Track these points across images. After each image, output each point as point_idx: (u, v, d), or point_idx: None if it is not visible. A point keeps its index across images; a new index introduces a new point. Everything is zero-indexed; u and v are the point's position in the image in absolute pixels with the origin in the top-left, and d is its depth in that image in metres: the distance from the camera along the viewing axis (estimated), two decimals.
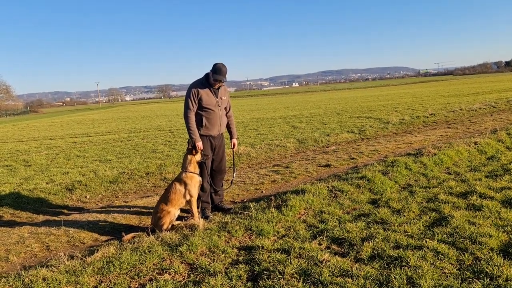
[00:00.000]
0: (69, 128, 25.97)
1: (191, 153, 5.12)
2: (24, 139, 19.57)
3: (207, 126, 5.36)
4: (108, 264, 3.75)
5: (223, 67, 5.18)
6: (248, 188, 6.89)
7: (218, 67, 5.16)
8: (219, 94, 5.35)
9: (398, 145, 10.14)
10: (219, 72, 5.16)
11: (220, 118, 5.43)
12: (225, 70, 5.19)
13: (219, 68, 5.16)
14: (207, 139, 5.41)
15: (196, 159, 5.13)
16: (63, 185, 7.76)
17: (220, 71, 5.16)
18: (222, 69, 5.17)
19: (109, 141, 15.52)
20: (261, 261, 3.68)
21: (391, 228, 4.27)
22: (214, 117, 5.37)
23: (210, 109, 5.32)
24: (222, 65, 5.20)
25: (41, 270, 3.66)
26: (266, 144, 11.08)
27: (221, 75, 5.16)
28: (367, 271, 3.36)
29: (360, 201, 5.36)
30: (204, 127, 5.35)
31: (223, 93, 5.43)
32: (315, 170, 7.88)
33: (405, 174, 6.43)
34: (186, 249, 3.99)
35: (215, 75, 5.16)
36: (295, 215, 4.93)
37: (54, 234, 5.23)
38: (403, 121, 14.49)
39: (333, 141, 11.50)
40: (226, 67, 5.21)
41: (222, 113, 5.47)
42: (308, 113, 22.17)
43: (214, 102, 5.31)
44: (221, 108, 5.42)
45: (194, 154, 5.12)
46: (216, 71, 5.16)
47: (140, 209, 6.15)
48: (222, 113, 5.46)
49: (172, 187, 5.01)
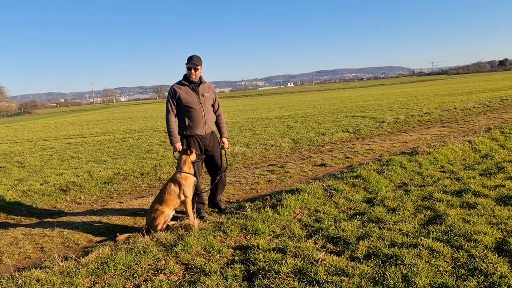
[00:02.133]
0: (64, 129, 25.84)
1: (186, 153, 5.08)
2: (18, 141, 19.44)
3: (190, 125, 5.22)
4: (103, 265, 3.73)
5: (194, 55, 5.16)
6: (243, 188, 6.88)
7: (189, 57, 5.16)
8: (200, 91, 5.20)
9: (393, 144, 10.16)
10: (189, 60, 5.13)
11: (204, 115, 5.21)
12: (195, 57, 5.14)
13: (190, 56, 5.16)
14: (194, 139, 5.27)
15: (191, 159, 5.09)
16: (57, 186, 7.71)
17: (190, 58, 5.13)
18: (193, 56, 5.14)
19: (104, 142, 15.46)
20: (256, 260, 3.67)
21: (386, 227, 4.27)
22: (196, 115, 5.18)
23: (191, 107, 5.17)
24: (194, 54, 5.18)
25: (35, 272, 3.63)
26: (262, 144, 11.08)
27: (191, 61, 5.11)
28: (363, 269, 3.36)
29: (355, 200, 5.36)
30: (188, 127, 5.23)
31: (205, 90, 5.28)
32: (311, 170, 7.88)
33: (400, 173, 6.45)
34: (181, 249, 3.97)
35: (186, 65, 5.14)
36: (291, 215, 4.92)
37: (48, 236, 5.20)
38: (398, 120, 14.53)
39: (328, 140, 11.51)
40: (197, 56, 5.18)
41: (207, 111, 5.25)
42: (303, 113, 22.19)
43: (195, 100, 5.17)
44: (204, 105, 5.22)
45: (189, 154, 5.08)
46: (187, 60, 5.14)
47: (135, 209, 6.12)
48: (207, 110, 5.26)
49: (166, 187, 4.97)
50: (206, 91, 5.29)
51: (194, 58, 5.14)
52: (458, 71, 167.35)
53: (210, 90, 5.37)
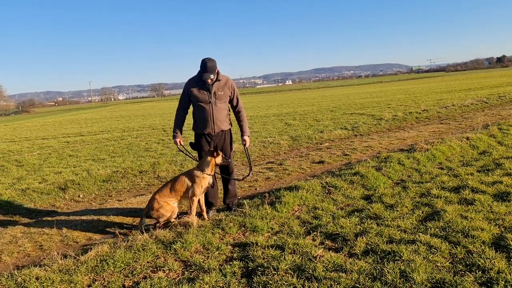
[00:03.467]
0: (62, 127, 25.81)
1: (212, 155, 4.93)
2: (16, 139, 19.42)
3: (197, 123, 5.22)
4: (102, 262, 3.73)
5: (209, 61, 4.93)
6: (242, 185, 6.88)
7: (203, 63, 4.94)
8: (213, 89, 5.07)
9: (391, 141, 10.18)
10: (204, 68, 4.94)
11: (212, 114, 5.12)
12: (210, 65, 4.91)
13: (204, 63, 4.94)
14: (203, 137, 5.24)
15: (217, 162, 4.98)
16: (56, 184, 7.72)
17: (205, 67, 4.92)
18: (207, 64, 4.90)
19: (102, 140, 15.45)
20: (255, 257, 3.69)
21: (385, 223, 4.29)
22: (205, 113, 5.12)
23: (201, 105, 5.11)
24: (208, 59, 4.95)
25: (34, 270, 3.64)
26: (260, 142, 11.09)
27: (206, 71, 4.92)
28: (361, 265, 3.37)
29: (353, 197, 5.38)
30: (197, 125, 5.23)
31: (220, 88, 5.10)
32: (309, 167, 7.90)
33: (398, 170, 6.47)
34: (180, 247, 3.98)
35: (202, 73, 4.96)
36: (289, 212, 4.94)
37: (47, 234, 5.20)
38: (396, 118, 14.55)
39: (326, 138, 11.52)
40: (212, 61, 4.95)
41: (216, 110, 5.11)
42: (301, 110, 22.20)
43: (205, 98, 5.08)
44: (215, 104, 5.10)
45: (215, 156, 4.94)
46: (201, 67, 4.96)
47: (134, 207, 6.12)
48: (217, 109, 5.11)
49: (179, 179, 4.99)
50: (220, 89, 5.11)
51: (208, 68, 4.92)
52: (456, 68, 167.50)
53: (225, 87, 5.16)
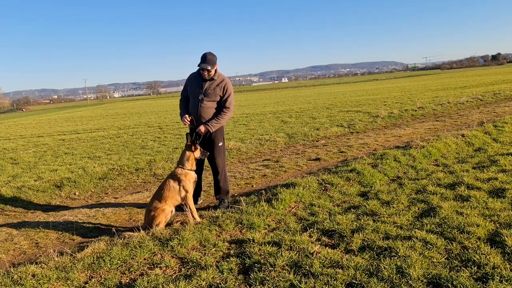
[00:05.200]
0: (57, 125, 25.68)
1: (190, 149, 4.92)
2: (11, 137, 19.29)
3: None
4: (99, 259, 3.73)
5: (209, 54, 5.08)
6: (238, 183, 6.89)
7: (203, 55, 5.09)
8: (205, 86, 5.18)
9: (387, 138, 10.21)
10: (201, 59, 5.07)
11: (199, 111, 5.20)
12: (209, 57, 5.06)
13: (204, 55, 5.09)
14: (196, 133, 5.23)
15: (195, 156, 4.96)
16: (51, 182, 7.68)
17: (204, 58, 5.06)
18: (207, 56, 5.07)
19: (98, 138, 15.39)
20: (252, 254, 3.69)
21: (381, 220, 4.31)
22: (194, 108, 5.27)
23: (192, 100, 5.32)
24: (209, 53, 5.10)
25: (31, 267, 3.62)
26: (256, 139, 11.09)
27: (203, 62, 5.04)
28: (357, 261, 3.39)
29: (350, 194, 5.40)
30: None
31: (212, 87, 5.19)
32: (305, 164, 7.91)
33: (394, 167, 6.49)
34: (177, 244, 3.98)
35: (200, 64, 5.08)
36: (286, 209, 4.94)
37: (43, 231, 5.18)
38: (392, 115, 14.59)
39: (322, 135, 11.54)
40: (212, 55, 5.10)
41: (203, 107, 5.19)
42: (297, 108, 22.21)
43: (195, 93, 5.24)
44: (202, 101, 5.18)
45: (193, 150, 4.93)
46: (201, 59, 5.09)
47: (130, 205, 6.11)
48: (203, 107, 5.19)
49: (166, 184, 4.80)
50: (211, 88, 5.19)
51: (208, 60, 5.05)
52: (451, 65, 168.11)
53: (217, 87, 5.21)
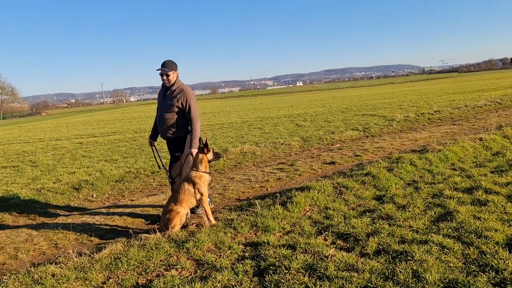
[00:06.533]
0: (75, 129, 26.13)
1: (203, 151, 4.98)
2: (30, 140, 19.70)
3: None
4: (116, 260, 3.79)
5: (167, 60, 5.21)
6: (253, 186, 6.91)
7: (162, 62, 5.22)
8: (166, 97, 5.27)
9: (403, 142, 10.12)
10: (161, 64, 5.21)
11: (159, 121, 5.38)
12: (167, 62, 5.18)
13: (163, 62, 5.22)
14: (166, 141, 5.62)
15: (208, 158, 5.01)
16: (69, 184, 7.83)
17: (162, 63, 5.20)
18: (165, 62, 5.20)
19: (115, 141, 15.60)
20: (267, 256, 3.71)
21: (396, 224, 4.28)
22: (157, 119, 5.45)
23: (157, 110, 5.45)
24: (168, 60, 5.24)
25: (50, 267, 3.70)
26: (271, 143, 11.10)
27: (162, 66, 5.17)
28: (373, 265, 3.37)
29: (365, 197, 5.37)
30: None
31: (171, 96, 5.21)
32: (320, 168, 7.90)
33: (410, 171, 6.44)
34: (193, 246, 4.01)
35: (158, 69, 5.20)
36: (300, 212, 4.95)
37: (62, 232, 5.28)
38: (408, 118, 14.46)
39: (337, 139, 11.50)
40: (170, 61, 5.21)
41: (162, 117, 5.29)
42: (312, 111, 22.17)
43: (159, 104, 5.41)
44: (162, 112, 5.27)
45: (206, 153, 4.98)
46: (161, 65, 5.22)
47: (146, 207, 6.19)
48: (162, 117, 5.28)
49: (181, 187, 4.87)
50: (170, 99, 5.21)
51: (166, 64, 5.19)
52: (469, 68, 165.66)
53: (175, 98, 5.18)
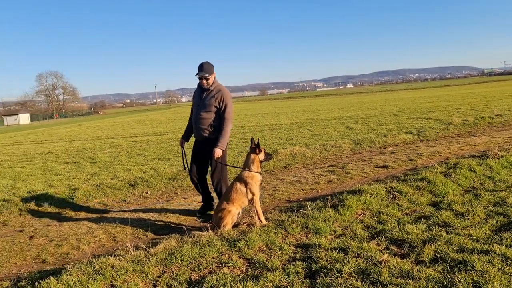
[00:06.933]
0: (130, 128, 27.22)
1: (254, 152, 5.02)
2: (89, 138, 20.77)
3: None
4: (170, 256, 3.91)
5: (205, 63, 5.25)
6: (303, 188, 6.89)
7: (199, 64, 5.26)
8: (203, 96, 5.35)
9: (460, 147, 9.69)
10: (199, 68, 5.25)
11: (196, 121, 5.41)
12: (206, 66, 5.22)
13: (200, 64, 5.26)
14: (195, 141, 5.64)
15: (260, 158, 5.05)
16: (126, 181, 8.16)
17: (199, 67, 5.26)
18: (203, 65, 5.23)
19: (167, 140, 16.09)
20: (318, 259, 3.68)
21: (455, 232, 4.11)
22: (192, 119, 5.51)
23: (193, 109, 5.53)
24: (205, 62, 5.27)
25: (110, 259, 3.88)
26: (321, 145, 11.00)
27: (199, 70, 5.22)
28: (429, 273, 3.26)
29: (420, 203, 5.20)
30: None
31: (208, 97, 5.31)
32: (372, 171, 7.73)
33: (469, 177, 6.15)
34: (244, 245, 4.06)
35: (197, 73, 5.26)
36: (352, 215, 4.87)
37: (119, 226, 5.54)
38: (466, 122, 13.81)
39: (390, 142, 11.19)
40: (208, 64, 5.25)
41: (198, 117, 5.37)
42: (363, 114, 21.72)
43: (195, 104, 5.47)
44: (198, 112, 5.36)
45: (258, 153, 5.03)
46: (198, 68, 5.26)
47: (198, 205, 6.34)
48: (198, 117, 5.36)
49: (233, 186, 4.95)
50: (208, 99, 5.32)
51: (204, 67, 5.23)
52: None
53: (213, 98, 5.30)
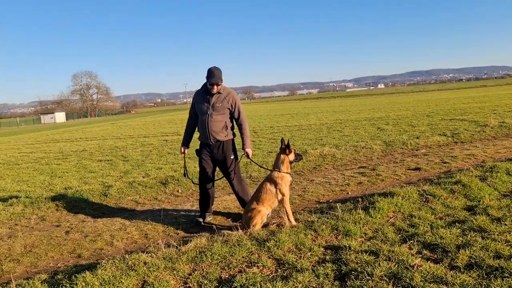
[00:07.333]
0: (160, 127, 27.72)
1: (284, 152, 5.04)
2: (121, 137, 21.29)
3: (199, 133, 5.58)
4: (201, 254, 3.97)
5: (215, 69, 5.24)
6: (333, 189, 6.84)
7: (210, 71, 5.24)
8: (212, 100, 5.35)
9: (497, 149, 9.36)
10: (211, 75, 5.21)
11: (209, 125, 5.39)
12: (217, 72, 5.22)
13: (211, 71, 5.22)
14: (203, 146, 5.61)
15: (290, 159, 5.07)
16: (157, 179, 8.32)
17: (211, 74, 5.21)
18: (214, 71, 5.22)
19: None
20: (348, 261, 3.65)
21: (491, 237, 3.98)
22: (203, 124, 5.45)
23: (200, 116, 5.49)
24: (214, 68, 5.26)
25: (142, 255, 3.98)
26: (351, 146, 10.88)
27: (212, 77, 5.19)
28: (464, 279, 3.18)
29: (454, 207, 5.06)
30: (199, 134, 5.62)
31: (219, 100, 5.37)
32: (404, 173, 7.58)
33: (506, 181, 5.94)
34: (274, 245, 4.07)
35: (208, 79, 5.25)
36: (383, 218, 4.80)
37: (151, 224, 5.67)
38: (504, 124, 13.33)
39: (423, 144, 10.94)
40: (218, 70, 5.26)
41: (212, 121, 5.38)
42: (394, 115, 21.32)
43: (204, 109, 5.40)
44: (211, 115, 5.37)
45: (287, 154, 5.05)
46: (208, 74, 5.23)
47: (227, 204, 6.41)
48: (212, 120, 5.38)
49: (263, 186, 4.98)
50: (219, 102, 5.37)
51: (215, 74, 5.23)
52: None
53: (224, 100, 5.39)
